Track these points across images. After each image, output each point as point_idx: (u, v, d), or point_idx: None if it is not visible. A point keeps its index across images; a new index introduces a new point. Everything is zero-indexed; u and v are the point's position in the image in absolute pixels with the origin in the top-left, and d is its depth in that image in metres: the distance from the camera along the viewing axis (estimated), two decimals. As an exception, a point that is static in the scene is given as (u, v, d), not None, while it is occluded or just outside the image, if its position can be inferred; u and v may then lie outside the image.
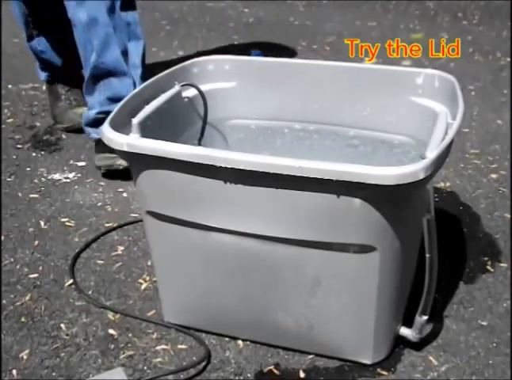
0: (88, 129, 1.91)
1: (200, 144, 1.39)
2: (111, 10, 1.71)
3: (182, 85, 1.36)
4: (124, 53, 1.78)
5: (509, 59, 2.66)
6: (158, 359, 1.27)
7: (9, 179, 1.92)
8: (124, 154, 1.14)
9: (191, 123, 1.41)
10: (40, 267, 1.54)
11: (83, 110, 2.03)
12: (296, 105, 1.44)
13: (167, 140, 1.10)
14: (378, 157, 1.37)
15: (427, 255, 1.12)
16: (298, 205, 1.07)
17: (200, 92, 1.40)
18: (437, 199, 1.74)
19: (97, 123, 1.83)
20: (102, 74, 1.79)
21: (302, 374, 1.22)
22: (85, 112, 1.92)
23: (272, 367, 1.24)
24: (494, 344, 1.27)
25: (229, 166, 1.05)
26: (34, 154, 2.07)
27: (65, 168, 1.97)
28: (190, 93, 1.40)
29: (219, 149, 1.08)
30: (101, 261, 1.56)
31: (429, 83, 1.32)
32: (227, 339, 1.31)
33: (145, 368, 1.25)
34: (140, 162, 1.14)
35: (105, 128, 1.14)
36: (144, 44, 1.85)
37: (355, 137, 1.39)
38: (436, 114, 1.24)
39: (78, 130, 2.13)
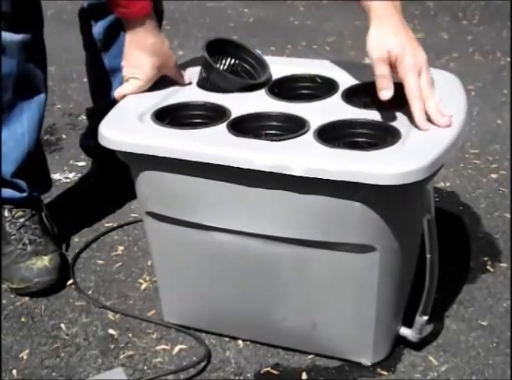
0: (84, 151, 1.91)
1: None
2: None
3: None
4: None
5: (509, 59, 2.66)
6: (158, 359, 1.27)
7: (9, 179, 1.91)
8: (122, 155, 1.14)
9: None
10: (40, 267, 1.53)
11: (46, 260, 1.45)
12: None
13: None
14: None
15: (428, 255, 1.12)
16: (298, 204, 1.07)
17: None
18: (437, 199, 1.74)
19: (94, 150, 1.82)
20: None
21: (302, 374, 1.22)
22: (82, 136, 1.88)
23: (272, 367, 1.24)
24: (494, 344, 1.27)
25: (230, 165, 1.05)
26: (34, 154, 2.06)
27: (65, 168, 1.97)
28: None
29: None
30: (101, 261, 1.56)
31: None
32: (227, 339, 1.31)
33: (145, 368, 1.25)
34: (139, 163, 1.14)
35: (103, 129, 1.14)
36: None
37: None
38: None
39: (33, 294, 1.44)
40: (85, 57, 1.77)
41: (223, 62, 1.33)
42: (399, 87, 1.26)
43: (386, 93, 1.11)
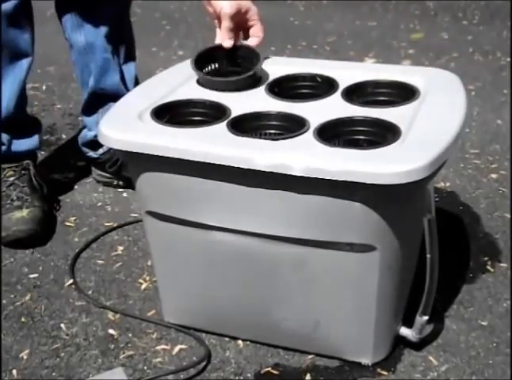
0: (85, 149, 1.87)
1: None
2: (109, 35, 1.66)
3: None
4: (122, 78, 1.73)
5: (509, 59, 2.66)
6: (158, 359, 1.27)
7: (9, 179, 1.91)
8: (122, 153, 1.14)
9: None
10: (40, 268, 1.54)
11: (25, 212, 1.59)
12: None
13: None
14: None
15: (428, 255, 1.12)
16: (298, 204, 1.07)
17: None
18: (437, 199, 1.74)
19: (94, 144, 1.79)
20: (101, 99, 1.73)
21: (302, 374, 1.22)
22: (82, 132, 1.87)
23: (272, 367, 1.24)
24: (494, 344, 1.27)
25: (230, 165, 1.05)
26: (34, 154, 2.06)
27: (65, 168, 1.97)
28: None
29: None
30: (101, 261, 1.56)
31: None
32: (227, 339, 1.31)
33: (145, 368, 1.25)
34: (139, 161, 1.14)
35: (103, 128, 1.14)
36: (135, 65, 1.79)
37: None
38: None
39: (13, 242, 1.59)
40: (70, 48, 1.75)
41: (217, 66, 1.34)
42: (398, 85, 1.26)
43: (229, 42, 1.31)
